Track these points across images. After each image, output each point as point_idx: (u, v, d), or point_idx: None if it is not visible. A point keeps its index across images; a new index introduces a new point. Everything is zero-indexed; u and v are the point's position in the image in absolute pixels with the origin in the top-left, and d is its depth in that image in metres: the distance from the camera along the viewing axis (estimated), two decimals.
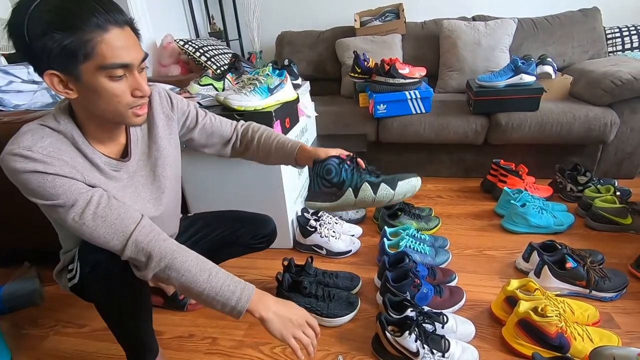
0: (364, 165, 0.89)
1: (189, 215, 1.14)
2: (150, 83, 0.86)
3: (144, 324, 0.88)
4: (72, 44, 0.57)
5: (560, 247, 1.20)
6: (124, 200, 0.73)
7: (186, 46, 2.14)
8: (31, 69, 1.53)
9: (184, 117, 0.90)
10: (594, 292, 1.11)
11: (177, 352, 1.06)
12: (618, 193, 1.50)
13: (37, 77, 1.48)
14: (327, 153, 0.88)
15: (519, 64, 1.75)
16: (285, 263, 1.18)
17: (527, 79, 1.75)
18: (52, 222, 0.80)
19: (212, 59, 2.16)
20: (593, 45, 2.16)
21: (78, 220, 0.66)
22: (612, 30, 2.19)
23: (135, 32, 0.65)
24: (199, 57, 2.13)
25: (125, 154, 0.79)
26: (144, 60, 0.66)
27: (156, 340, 0.94)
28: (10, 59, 1.68)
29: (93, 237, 0.68)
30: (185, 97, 1.31)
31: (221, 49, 2.35)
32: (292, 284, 1.14)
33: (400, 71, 1.83)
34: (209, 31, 2.80)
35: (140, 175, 0.81)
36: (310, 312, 1.09)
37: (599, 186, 1.58)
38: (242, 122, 1.01)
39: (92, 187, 0.69)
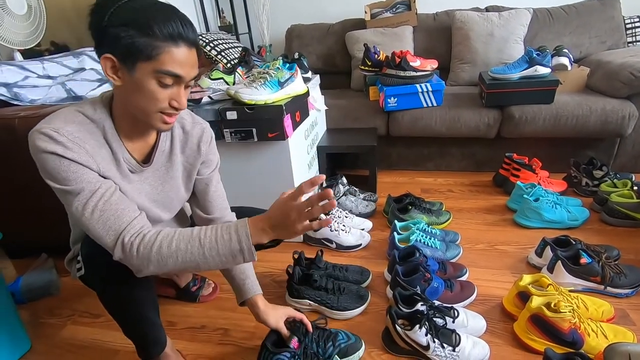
0: (311, 329, 0.94)
1: None
2: (203, 121, 0.90)
3: (147, 318, 0.87)
4: (141, 44, 0.62)
5: (574, 243, 1.18)
6: (120, 209, 0.71)
7: None
8: (46, 64, 1.57)
9: (206, 160, 0.91)
10: (609, 288, 1.09)
11: (190, 342, 1.08)
12: (635, 188, 1.46)
13: (52, 72, 1.51)
14: (277, 321, 0.90)
15: (534, 55, 1.71)
16: (296, 256, 1.19)
17: (542, 70, 1.71)
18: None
19: (223, 53, 2.16)
20: (611, 36, 2.10)
21: (80, 210, 0.67)
22: (632, 20, 2.12)
23: (199, 54, 0.69)
24: (209, 51, 2.13)
25: (147, 159, 0.80)
26: (193, 79, 0.70)
27: (163, 332, 0.93)
28: (26, 55, 1.72)
29: (89, 230, 0.68)
30: (196, 91, 1.32)
31: (231, 42, 2.35)
32: (303, 277, 1.14)
33: (411, 64, 1.81)
34: (219, 25, 2.80)
35: (149, 184, 0.82)
36: (320, 305, 1.11)
37: (615, 181, 1.55)
38: (234, 214, 0.99)
39: (105, 178, 0.70)
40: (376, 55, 2.03)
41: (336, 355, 0.92)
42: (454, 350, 0.90)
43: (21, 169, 1.26)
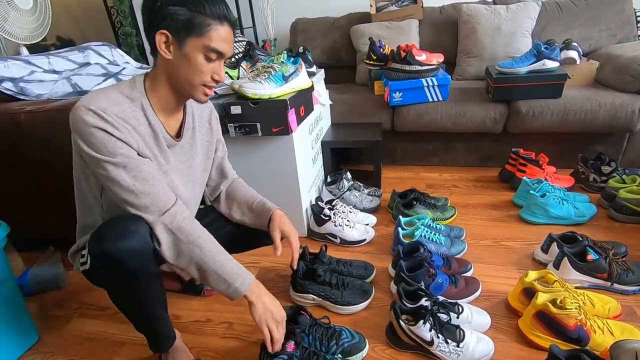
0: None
1: (201, 206, 1.15)
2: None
3: (155, 314, 0.88)
4: (194, 21, 0.72)
5: (581, 239, 1.16)
6: (162, 176, 0.82)
7: None
8: (52, 58, 1.58)
9: (217, 137, 1.03)
10: (615, 285, 1.08)
11: (195, 335, 1.09)
12: None
13: (57, 67, 1.52)
14: (274, 228, 0.97)
15: (542, 49, 1.68)
16: (300, 251, 1.19)
17: (550, 64, 1.69)
18: (80, 199, 0.85)
19: None
20: (622, 29, 2.05)
21: (128, 180, 0.72)
22: None
23: (234, 35, 0.80)
24: None
25: (177, 135, 0.88)
26: (230, 57, 0.81)
27: (172, 327, 0.94)
28: (32, 49, 1.72)
29: (136, 199, 0.74)
30: None
31: (235, 37, 2.34)
32: (307, 272, 1.15)
33: (416, 58, 1.79)
34: None
35: (179, 160, 0.89)
36: (324, 299, 1.11)
37: (623, 176, 1.53)
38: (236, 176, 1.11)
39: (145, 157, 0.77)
40: (381, 49, 2.01)
41: (339, 354, 0.92)
42: (458, 346, 0.90)
43: (28, 162, 1.28)
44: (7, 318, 1.03)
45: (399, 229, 1.31)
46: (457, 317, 0.96)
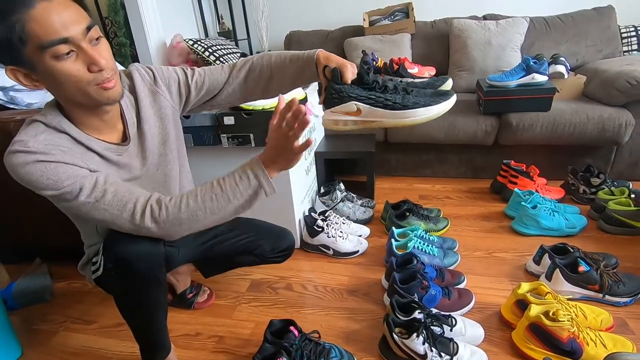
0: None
1: None
2: (128, 68, 0.82)
3: (160, 321, 0.88)
4: (4, 32, 0.53)
5: (572, 250, 1.17)
6: (131, 186, 0.72)
7: (195, 45, 2.15)
8: None
9: (175, 85, 0.83)
10: (607, 297, 1.09)
11: (184, 350, 1.06)
12: (633, 195, 1.46)
13: None
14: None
15: (531, 63, 1.72)
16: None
17: (539, 78, 1.72)
18: (73, 219, 0.82)
19: (221, 59, 2.17)
20: (607, 45, 2.11)
21: (92, 202, 0.65)
22: (627, 29, 2.14)
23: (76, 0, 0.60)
24: (208, 56, 2.13)
25: (124, 138, 0.78)
26: (89, 29, 0.59)
27: (168, 340, 0.94)
28: None
29: (106, 216, 0.67)
30: None
31: (230, 48, 2.36)
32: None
33: (409, 70, 1.81)
34: (218, 31, 2.81)
35: (139, 160, 0.81)
36: (372, 106, 0.72)
37: (612, 188, 1.55)
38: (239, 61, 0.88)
39: (95, 172, 0.69)
40: (374, 62, 2.04)
41: None
42: (451, 359, 0.89)
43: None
44: None
45: (392, 240, 1.31)
46: (451, 330, 0.95)
